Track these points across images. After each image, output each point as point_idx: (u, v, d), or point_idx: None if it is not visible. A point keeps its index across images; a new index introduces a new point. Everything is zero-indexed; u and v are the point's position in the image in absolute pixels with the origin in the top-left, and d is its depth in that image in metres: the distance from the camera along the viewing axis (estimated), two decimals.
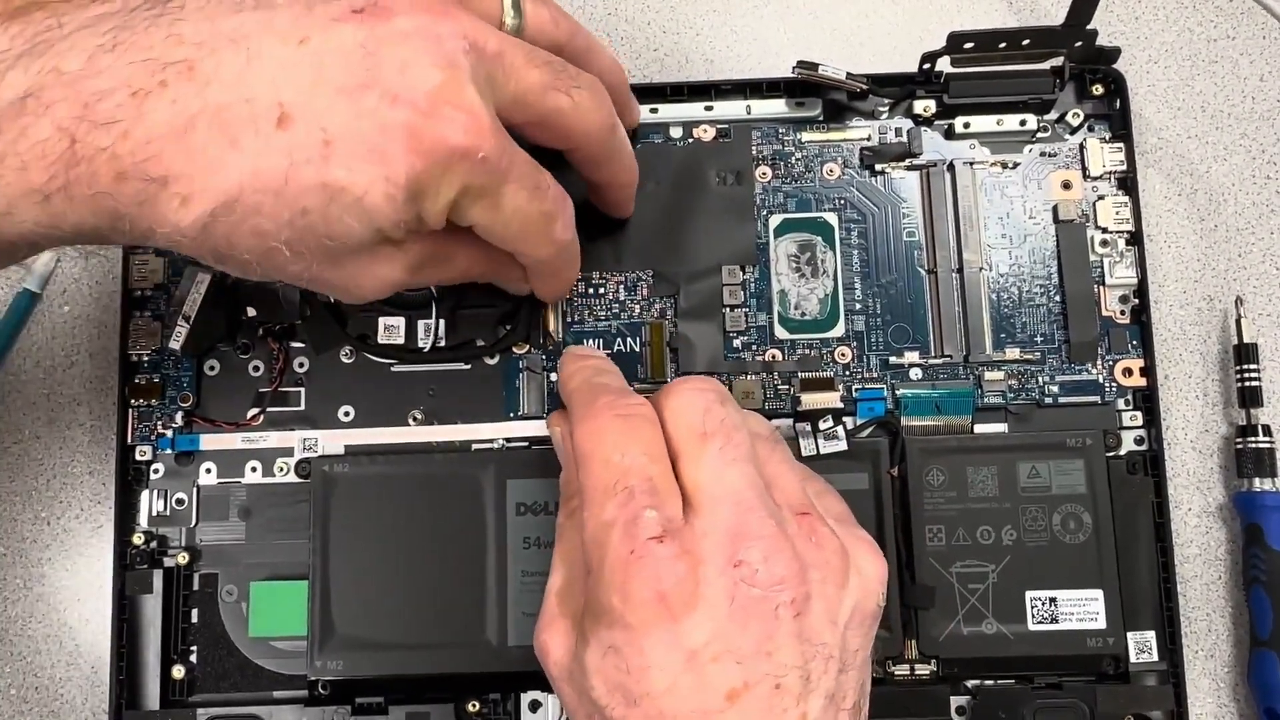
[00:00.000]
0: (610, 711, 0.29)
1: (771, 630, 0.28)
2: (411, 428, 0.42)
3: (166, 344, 0.42)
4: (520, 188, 0.32)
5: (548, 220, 0.34)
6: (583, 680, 0.29)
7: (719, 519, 0.29)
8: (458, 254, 0.35)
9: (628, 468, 0.30)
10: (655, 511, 0.29)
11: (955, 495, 0.40)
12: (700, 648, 0.28)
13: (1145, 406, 0.41)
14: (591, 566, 0.30)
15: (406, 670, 0.39)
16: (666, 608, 0.28)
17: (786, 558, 0.29)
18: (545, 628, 0.32)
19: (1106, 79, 0.43)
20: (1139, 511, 0.41)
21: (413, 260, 0.33)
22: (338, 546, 0.40)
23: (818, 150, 0.43)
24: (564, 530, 0.34)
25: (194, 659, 0.41)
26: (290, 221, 0.29)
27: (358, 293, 0.33)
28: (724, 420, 0.31)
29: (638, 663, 0.28)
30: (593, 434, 0.31)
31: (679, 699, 0.28)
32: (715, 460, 0.31)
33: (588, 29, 0.37)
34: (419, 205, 0.30)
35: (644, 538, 0.29)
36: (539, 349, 0.42)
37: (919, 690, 0.40)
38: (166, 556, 0.41)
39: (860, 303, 0.43)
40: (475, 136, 0.30)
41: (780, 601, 0.29)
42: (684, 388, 0.32)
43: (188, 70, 0.28)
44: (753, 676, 0.28)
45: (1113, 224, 0.42)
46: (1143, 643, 0.40)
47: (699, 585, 0.28)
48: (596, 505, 0.30)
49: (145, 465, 0.42)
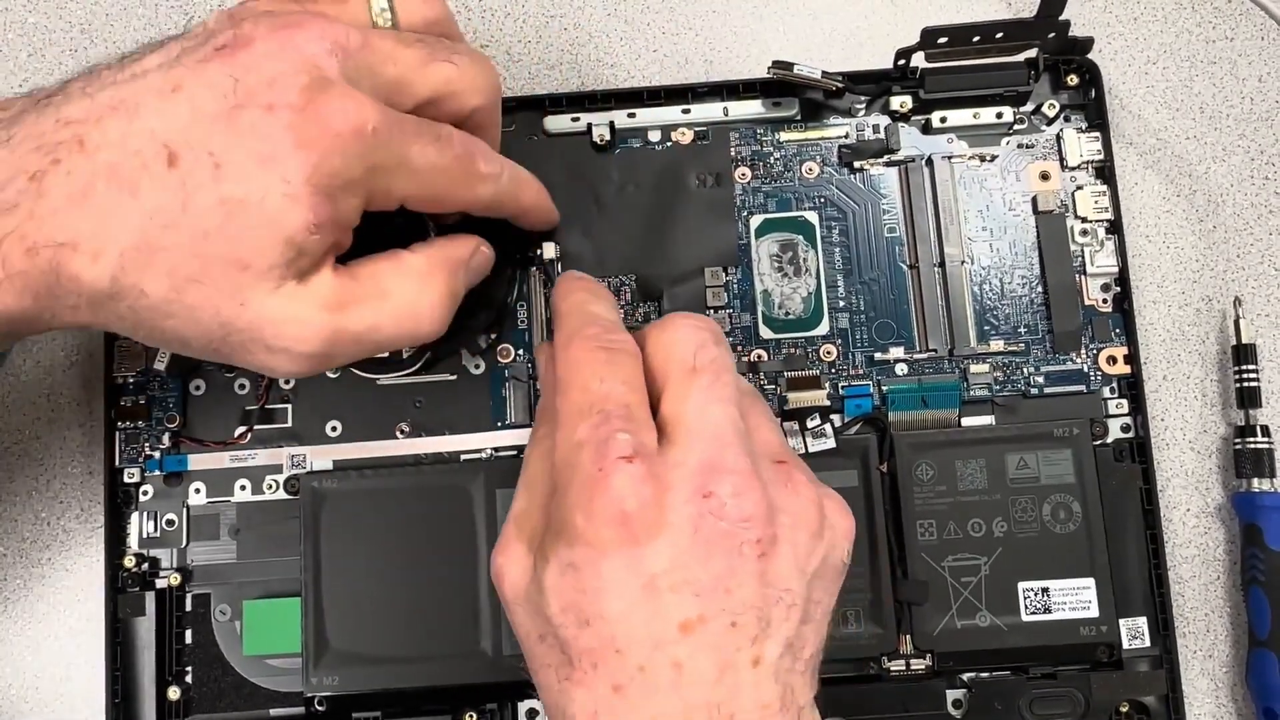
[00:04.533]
0: (562, 631, 0.29)
1: (734, 567, 0.28)
2: (399, 440, 0.42)
3: (151, 365, 0.42)
4: (425, 144, 0.32)
5: (468, 161, 0.34)
6: (538, 599, 0.29)
7: (694, 451, 0.29)
8: (386, 281, 0.33)
9: (605, 393, 0.30)
10: (629, 435, 0.29)
11: (945, 489, 0.40)
12: (659, 575, 0.28)
13: (1131, 394, 0.42)
14: (559, 486, 0.30)
15: (402, 684, 0.39)
16: (629, 530, 0.28)
17: (756, 496, 0.29)
18: (501, 551, 0.31)
19: (1081, 69, 0.43)
20: (1127, 499, 0.41)
21: (327, 295, 0.31)
22: (329, 562, 0.40)
23: (796, 149, 0.44)
24: (530, 457, 0.34)
25: (189, 679, 0.41)
26: (195, 250, 0.29)
27: (277, 344, 0.31)
28: (715, 359, 0.31)
29: (594, 584, 0.28)
30: (574, 361, 0.31)
31: (631, 624, 0.28)
32: (701, 396, 0.31)
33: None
34: (333, 201, 0.30)
35: (613, 456, 0.28)
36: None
37: (915, 685, 0.40)
38: (158, 578, 0.41)
39: (844, 300, 0.43)
40: (358, 115, 0.30)
41: (746, 539, 0.29)
42: (681, 322, 0.32)
43: (77, 144, 0.29)
44: (709, 610, 0.28)
45: (1092, 213, 0.43)
46: (1135, 629, 0.40)
47: (664, 511, 0.28)
48: (569, 427, 0.30)
49: (134, 487, 0.42)
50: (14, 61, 0.47)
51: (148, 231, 0.29)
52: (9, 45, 0.47)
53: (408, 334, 0.33)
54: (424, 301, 0.33)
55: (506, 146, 0.43)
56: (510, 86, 0.46)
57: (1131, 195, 0.45)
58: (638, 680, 0.28)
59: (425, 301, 0.34)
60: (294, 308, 0.31)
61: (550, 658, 0.29)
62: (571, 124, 0.44)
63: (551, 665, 0.29)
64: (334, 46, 0.31)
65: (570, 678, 0.29)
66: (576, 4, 0.47)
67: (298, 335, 0.31)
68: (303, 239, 0.30)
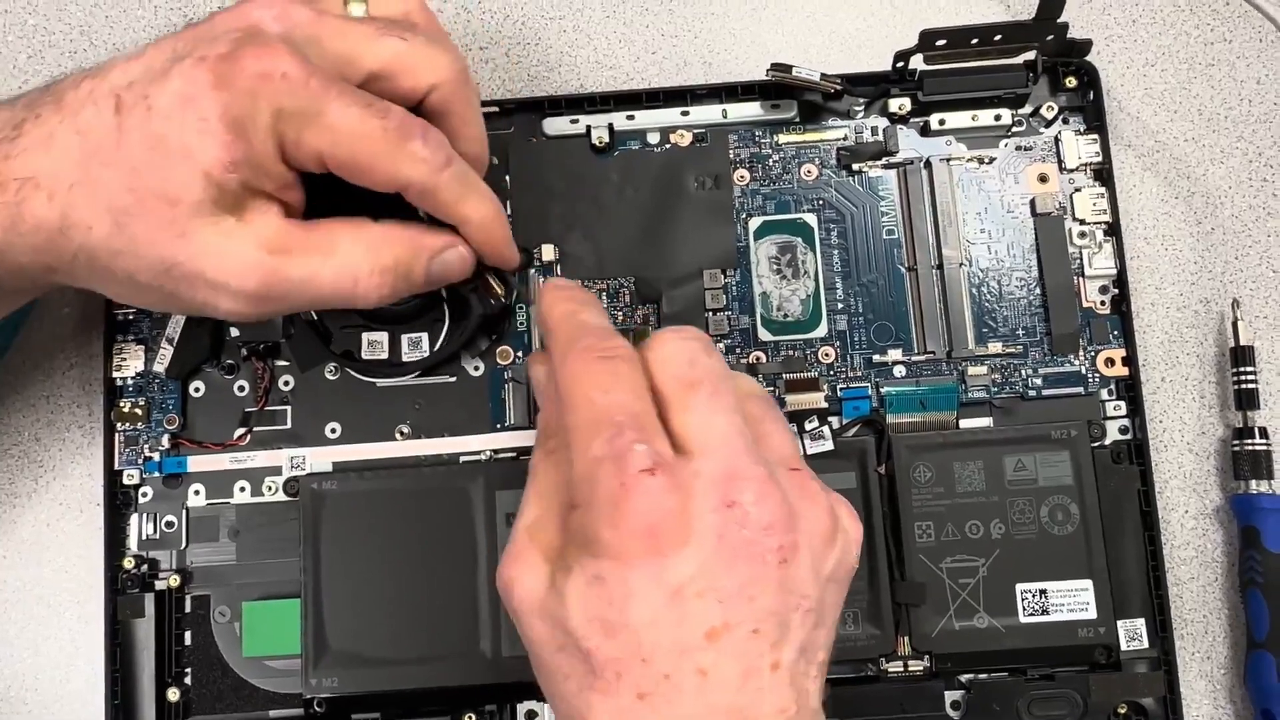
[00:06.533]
0: (585, 641, 0.29)
1: (757, 574, 0.29)
2: (399, 442, 0.42)
3: (151, 367, 0.42)
4: (347, 105, 0.32)
5: (398, 136, 0.33)
6: (559, 610, 0.29)
7: (710, 461, 0.29)
8: (340, 240, 0.34)
9: (612, 405, 0.30)
10: (644, 445, 0.29)
11: (943, 491, 0.40)
12: (685, 583, 0.28)
13: (1129, 396, 0.42)
14: (580, 502, 0.29)
15: (401, 685, 0.39)
16: (656, 541, 0.28)
17: (777, 502, 0.29)
18: (513, 561, 0.31)
19: (1079, 71, 0.43)
20: (1125, 500, 0.41)
21: (270, 238, 0.33)
22: (329, 564, 0.40)
23: (795, 152, 0.44)
24: (538, 468, 0.33)
25: (189, 681, 0.41)
26: (128, 185, 0.32)
27: (217, 279, 0.33)
28: (710, 369, 0.31)
29: (621, 595, 0.28)
30: (576, 375, 0.31)
31: (658, 633, 0.28)
32: (704, 408, 0.31)
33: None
34: (245, 140, 0.32)
35: (635, 470, 0.28)
36: (492, 307, 0.40)
37: (913, 687, 0.40)
38: (158, 580, 0.41)
39: (842, 302, 0.43)
40: (271, 60, 0.32)
41: (769, 547, 0.29)
42: (669, 336, 0.32)
43: (55, 102, 0.33)
44: (733, 618, 0.28)
45: (1090, 215, 0.43)
46: (1133, 630, 0.40)
47: (689, 521, 0.28)
48: (583, 443, 0.30)
49: (133, 489, 0.42)
50: (14, 63, 0.47)
51: (90, 169, 0.32)
52: (9, 46, 0.47)
53: (344, 293, 0.34)
54: (366, 265, 0.34)
55: (507, 147, 0.43)
56: (509, 89, 0.46)
57: (1130, 197, 0.45)
58: (663, 688, 0.28)
59: (367, 266, 0.34)
60: (232, 244, 0.33)
61: (570, 668, 0.29)
62: (570, 126, 0.44)
63: (571, 676, 0.29)
64: (280, 14, 0.33)
65: (593, 687, 0.29)
66: (575, 6, 0.47)
67: (235, 270, 0.33)
68: (220, 175, 0.32)
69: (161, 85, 0.32)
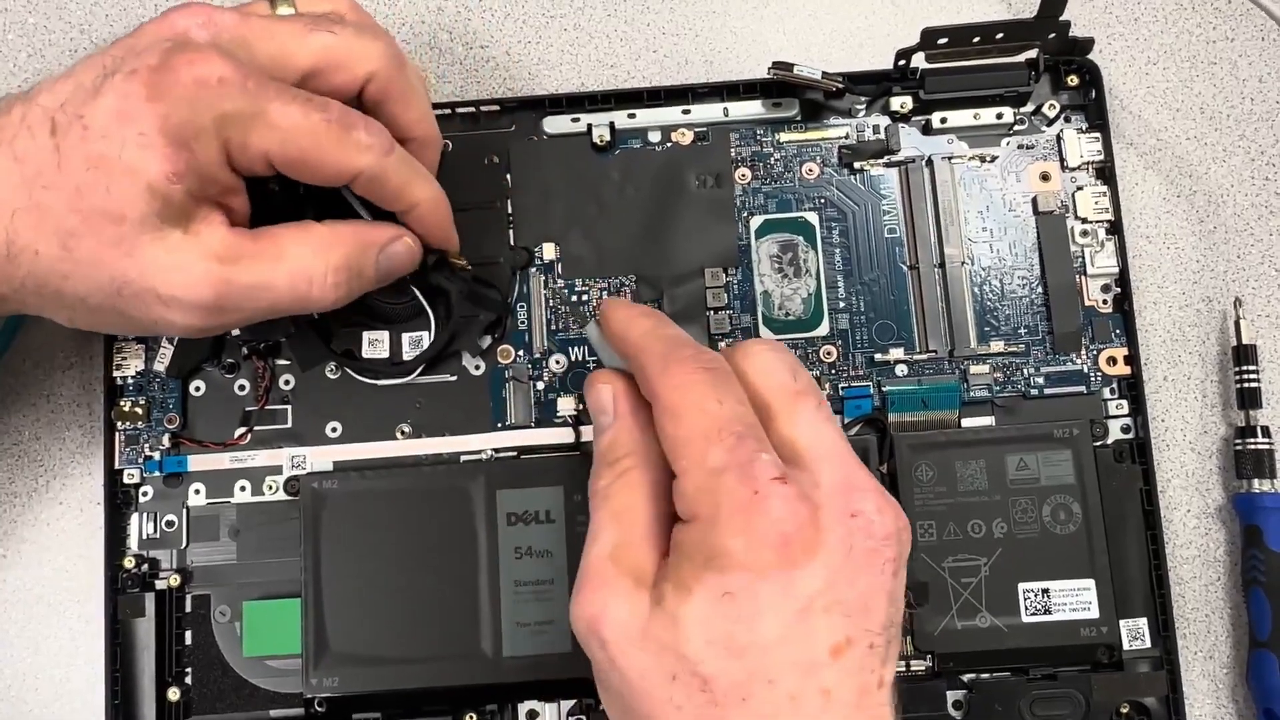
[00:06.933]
0: (703, 666, 0.27)
1: (876, 586, 0.28)
2: (399, 441, 0.42)
3: (151, 366, 0.42)
4: (287, 103, 0.33)
5: (341, 129, 0.33)
6: (670, 635, 0.28)
7: (829, 470, 0.29)
8: (287, 243, 0.34)
9: (729, 415, 0.29)
10: (770, 455, 0.29)
11: (945, 490, 0.40)
12: (814, 596, 0.28)
13: (1131, 394, 0.42)
14: (697, 515, 0.29)
15: (402, 685, 0.39)
16: (788, 553, 0.28)
17: (894, 513, 0.29)
18: (596, 590, 0.29)
19: (1081, 70, 0.43)
20: (1127, 499, 0.41)
21: (219, 247, 0.33)
22: (329, 563, 0.40)
23: (796, 150, 0.44)
24: (610, 491, 0.31)
25: (189, 680, 0.41)
26: (73, 206, 0.32)
27: (168, 293, 0.33)
28: (811, 382, 0.32)
29: (750, 610, 0.27)
30: (681, 385, 0.30)
31: (785, 651, 0.27)
32: (813, 416, 0.30)
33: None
34: (186, 149, 0.32)
35: (766, 479, 0.28)
36: (467, 282, 0.41)
37: (915, 686, 0.40)
38: (158, 579, 0.41)
39: (844, 301, 0.43)
40: (205, 67, 0.32)
41: (887, 557, 0.29)
42: (762, 348, 0.32)
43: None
44: (855, 632, 0.28)
45: (1092, 214, 0.43)
46: (1135, 630, 0.40)
47: (820, 532, 0.28)
48: (697, 454, 0.29)
49: (134, 488, 0.42)
50: (14, 62, 0.47)
51: (32, 193, 0.32)
52: (9, 46, 0.47)
53: (300, 297, 0.35)
54: (318, 267, 0.35)
55: (507, 146, 0.43)
56: (510, 87, 0.46)
57: (1132, 196, 0.45)
58: (786, 710, 0.27)
59: (319, 267, 0.35)
60: (179, 257, 0.33)
61: (683, 698, 0.28)
62: (571, 124, 0.44)
63: (684, 706, 0.28)
64: (207, 21, 0.33)
65: (712, 717, 0.27)
66: (576, 4, 0.47)
67: (185, 283, 0.33)
68: (164, 187, 0.32)
69: (95, 103, 0.32)
